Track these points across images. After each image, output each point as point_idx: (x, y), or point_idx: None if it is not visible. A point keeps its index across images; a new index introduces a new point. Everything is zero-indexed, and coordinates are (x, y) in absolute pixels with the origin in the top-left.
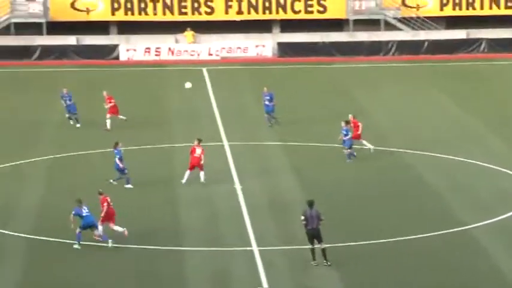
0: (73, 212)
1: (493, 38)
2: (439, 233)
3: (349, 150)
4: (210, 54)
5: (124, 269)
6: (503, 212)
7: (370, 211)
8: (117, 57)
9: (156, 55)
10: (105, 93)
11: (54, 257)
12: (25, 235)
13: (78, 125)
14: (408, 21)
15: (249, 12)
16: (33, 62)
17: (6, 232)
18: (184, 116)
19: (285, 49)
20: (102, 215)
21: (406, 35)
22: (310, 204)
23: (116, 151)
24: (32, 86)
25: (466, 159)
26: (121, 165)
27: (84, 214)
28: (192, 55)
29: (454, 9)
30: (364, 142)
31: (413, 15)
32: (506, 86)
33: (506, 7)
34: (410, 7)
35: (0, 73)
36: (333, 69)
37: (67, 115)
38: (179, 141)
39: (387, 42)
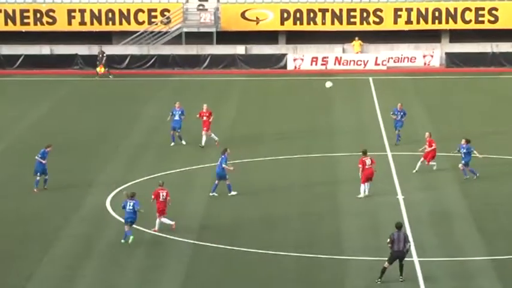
0: (122, 204)
1: None
2: None
3: (464, 167)
4: (377, 64)
5: (283, 276)
6: None
7: None
8: (284, 67)
9: (322, 64)
10: (205, 106)
11: (216, 262)
12: (189, 240)
13: (183, 142)
14: None
15: (418, 22)
16: (203, 71)
17: (172, 237)
18: (349, 125)
19: (453, 59)
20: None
21: None
22: (398, 227)
23: (223, 157)
24: (201, 94)
25: None
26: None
27: (126, 209)
28: (358, 64)
29: None
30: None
31: None
32: None
33: None
34: None
35: (170, 82)
36: (502, 80)
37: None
38: (343, 150)
39: None
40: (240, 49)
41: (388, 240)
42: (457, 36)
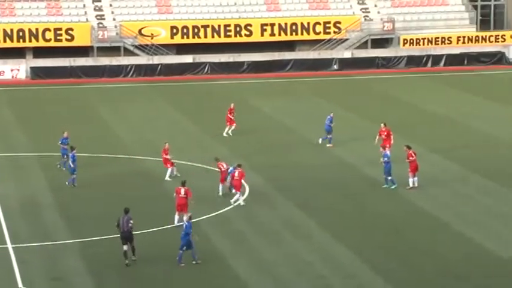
0: None
1: (214, 61)
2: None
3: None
4: None
5: None
6: (224, 206)
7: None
8: None
9: None
10: None
11: None
12: None
13: None
14: (144, 48)
15: (5, 41)
16: None
17: None
18: None
19: (37, 72)
20: None
21: (142, 59)
22: (126, 211)
23: None
24: None
25: (193, 163)
26: None
27: None
28: None
29: (182, 37)
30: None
31: (149, 43)
32: (227, 101)
33: (225, 36)
34: (146, 36)
35: None
36: (80, 89)
37: None
38: None
39: (126, 66)
40: None
41: (116, 223)
42: (40, 52)
